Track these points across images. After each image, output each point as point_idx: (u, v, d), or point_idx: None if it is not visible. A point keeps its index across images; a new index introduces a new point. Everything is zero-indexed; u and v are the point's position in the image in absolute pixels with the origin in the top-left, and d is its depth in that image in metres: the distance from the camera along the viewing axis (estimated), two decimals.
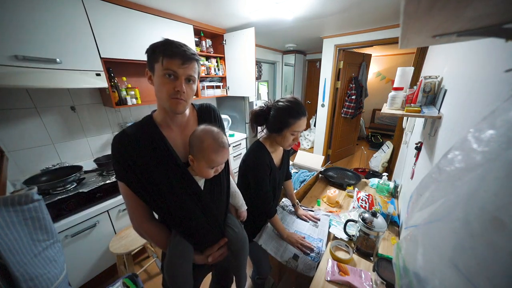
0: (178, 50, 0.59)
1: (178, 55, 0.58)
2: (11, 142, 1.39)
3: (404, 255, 0.45)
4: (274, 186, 1.07)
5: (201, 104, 0.84)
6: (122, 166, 0.62)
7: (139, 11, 1.61)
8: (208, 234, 0.75)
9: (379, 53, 4.80)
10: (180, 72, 0.59)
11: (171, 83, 0.60)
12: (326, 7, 1.79)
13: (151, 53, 0.60)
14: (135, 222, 0.69)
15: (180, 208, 0.68)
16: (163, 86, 0.60)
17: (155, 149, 0.64)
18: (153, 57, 0.59)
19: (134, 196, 0.65)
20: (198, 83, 2.22)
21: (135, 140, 0.63)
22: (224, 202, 0.80)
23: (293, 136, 0.94)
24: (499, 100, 0.44)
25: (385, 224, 0.93)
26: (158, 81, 0.60)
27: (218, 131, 0.69)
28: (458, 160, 0.33)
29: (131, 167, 0.62)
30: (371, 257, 0.96)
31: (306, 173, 1.76)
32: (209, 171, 0.68)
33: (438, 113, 0.84)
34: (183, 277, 0.69)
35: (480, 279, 0.24)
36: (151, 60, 0.61)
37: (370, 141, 4.81)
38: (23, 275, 0.57)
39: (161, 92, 0.61)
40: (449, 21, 0.28)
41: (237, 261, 0.81)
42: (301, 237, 1.08)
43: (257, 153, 1.01)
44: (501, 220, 0.22)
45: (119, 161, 0.62)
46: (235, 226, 0.81)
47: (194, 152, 0.66)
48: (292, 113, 0.90)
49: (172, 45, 0.59)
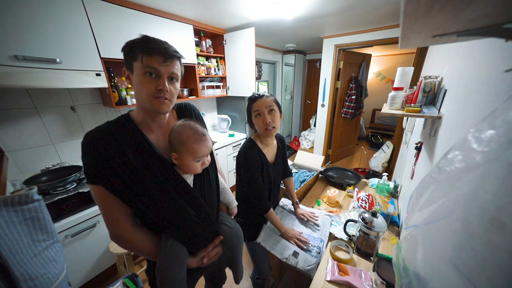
0: (159, 46, 0.56)
1: (158, 52, 0.55)
2: (11, 142, 1.39)
3: (404, 255, 0.45)
4: (269, 182, 1.08)
5: (180, 104, 0.80)
6: (99, 166, 0.56)
7: (139, 11, 1.61)
8: (202, 234, 0.72)
9: (379, 53, 4.80)
10: (162, 70, 0.56)
11: (152, 82, 0.57)
12: (326, 7, 1.79)
13: (129, 50, 0.56)
14: (118, 230, 0.61)
15: (171, 208, 0.64)
16: (144, 85, 0.56)
17: (137, 149, 0.60)
18: (131, 55, 0.56)
19: (115, 200, 0.59)
20: (198, 83, 2.24)
21: (113, 137, 0.57)
22: (215, 198, 0.78)
23: (260, 116, 0.96)
24: (499, 100, 0.44)
25: (385, 224, 0.93)
26: (138, 80, 0.57)
27: (194, 122, 0.68)
28: (458, 160, 0.33)
29: (110, 166, 0.55)
30: (371, 257, 0.96)
31: (306, 173, 1.76)
32: (195, 165, 0.66)
33: (438, 113, 0.84)
34: (177, 282, 0.65)
35: (480, 279, 0.24)
36: (128, 59, 0.57)
37: (370, 141, 4.81)
38: (23, 275, 0.57)
39: (141, 92, 0.57)
40: (449, 21, 0.28)
41: (234, 255, 0.81)
42: (298, 233, 1.09)
43: (247, 149, 1.03)
44: (501, 220, 0.22)
45: (95, 161, 0.55)
46: (229, 222, 0.80)
47: (176, 148, 0.63)
48: (249, 99, 1.00)
49: (151, 41, 0.56)
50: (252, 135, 1.09)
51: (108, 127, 0.59)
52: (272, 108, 0.95)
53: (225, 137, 2.60)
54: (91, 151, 0.56)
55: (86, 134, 0.57)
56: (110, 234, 0.62)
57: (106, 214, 0.60)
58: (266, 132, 0.98)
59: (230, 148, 2.56)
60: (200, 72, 2.25)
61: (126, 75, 0.61)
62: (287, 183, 1.32)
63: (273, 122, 0.96)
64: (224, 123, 2.79)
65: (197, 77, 2.21)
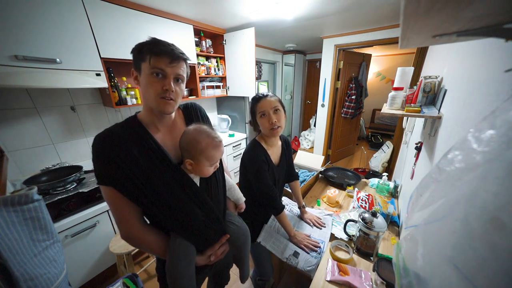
0: (166, 48, 0.58)
1: (166, 54, 0.57)
2: (11, 142, 1.39)
3: (404, 255, 0.45)
4: (274, 183, 1.07)
5: (186, 104, 0.82)
6: (109, 168, 0.57)
7: (139, 11, 1.61)
8: (209, 232, 0.73)
9: (379, 53, 4.80)
10: (168, 71, 0.58)
11: (159, 82, 0.58)
12: (326, 7, 1.79)
13: (138, 52, 0.58)
14: (129, 230, 0.63)
15: (179, 208, 0.65)
16: (151, 85, 0.58)
17: (146, 150, 0.61)
18: (140, 56, 0.58)
19: (125, 200, 0.60)
20: (198, 83, 2.24)
21: (123, 139, 0.58)
22: (221, 197, 0.80)
23: (265, 117, 0.95)
24: (499, 100, 0.44)
25: (385, 224, 0.93)
26: (145, 80, 0.58)
27: (208, 127, 0.69)
28: (458, 160, 0.33)
29: (121, 168, 0.57)
30: (371, 257, 0.96)
31: (306, 173, 1.76)
32: (210, 169, 0.68)
33: (438, 113, 0.84)
34: (187, 279, 0.67)
35: (480, 279, 0.24)
36: (137, 60, 0.59)
37: (370, 141, 4.80)
38: (23, 275, 0.57)
39: (149, 92, 0.59)
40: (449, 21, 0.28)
41: (241, 253, 0.82)
42: (306, 236, 1.08)
43: (252, 150, 1.03)
44: (501, 220, 0.22)
45: (105, 163, 0.57)
46: (236, 221, 0.81)
47: (193, 155, 0.64)
48: (253, 99, 0.99)
49: (159, 43, 0.58)
50: (256, 136, 1.09)
51: (116, 129, 0.60)
52: (277, 108, 0.95)
53: (225, 137, 2.60)
54: (102, 154, 0.57)
55: (96, 137, 0.58)
56: (121, 233, 0.64)
57: (117, 213, 0.61)
58: (272, 132, 0.97)
59: (230, 148, 2.56)
60: (200, 72, 2.25)
61: (134, 76, 0.63)
62: (293, 186, 1.28)
63: (279, 121, 0.96)
64: (224, 123, 2.80)
65: (197, 77, 2.21)
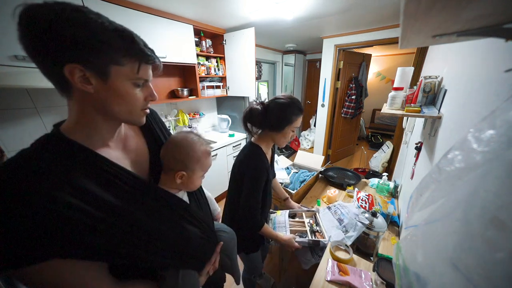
0: (151, 50, 0.46)
1: (153, 59, 0.46)
2: (11, 142, 1.38)
3: (404, 255, 0.45)
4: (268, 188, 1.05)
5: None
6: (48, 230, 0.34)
7: (139, 11, 1.60)
8: (207, 247, 0.67)
9: (379, 53, 4.80)
10: (150, 78, 0.48)
11: (142, 92, 0.47)
12: (326, 7, 1.79)
13: (106, 47, 0.38)
14: None
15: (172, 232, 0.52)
16: (133, 97, 0.44)
17: (103, 178, 0.42)
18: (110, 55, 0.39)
19: (80, 266, 0.39)
20: (198, 83, 2.24)
21: (60, 171, 0.37)
22: (207, 208, 0.76)
23: (293, 133, 0.95)
24: (499, 100, 0.44)
25: (385, 224, 0.93)
26: (124, 90, 0.42)
27: (196, 133, 0.63)
28: (458, 160, 0.33)
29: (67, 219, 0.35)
30: (371, 257, 0.96)
31: (306, 173, 1.76)
32: (201, 180, 0.63)
33: (438, 113, 0.84)
34: None
35: (480, 279, 0.24)
36: (102, 57, 0.38)
37: (370, 141, 4.81)
38: None
39: (131, 105, 0.45)
40: (449, 21, 0.28)
41: (231, 259, 0.80)
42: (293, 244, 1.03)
43: (256, 158, 0.94)
44: (501, 220, 0.22)
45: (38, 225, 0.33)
46: (224, 228, 0.80)
47: (187, 165, 0.58)
48: (294, 110, 0.91)
49: (144, 44, 0.45)
50: (255, 139, 1.00)
51: (40, 157, 0.37)
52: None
53: (225, 137, 2.60)
54: (32, 206, 0.33)
55: (6, 179, 0.33)
56: None
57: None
58: (283, 145, 1.00)
59: (230, 148, 2.56)
60: (200, 72, 2.25)
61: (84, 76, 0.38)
62: (274, 182, 1.33)
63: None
64: (224, 123, 2.80)
65: (197, 77, 2.21)
